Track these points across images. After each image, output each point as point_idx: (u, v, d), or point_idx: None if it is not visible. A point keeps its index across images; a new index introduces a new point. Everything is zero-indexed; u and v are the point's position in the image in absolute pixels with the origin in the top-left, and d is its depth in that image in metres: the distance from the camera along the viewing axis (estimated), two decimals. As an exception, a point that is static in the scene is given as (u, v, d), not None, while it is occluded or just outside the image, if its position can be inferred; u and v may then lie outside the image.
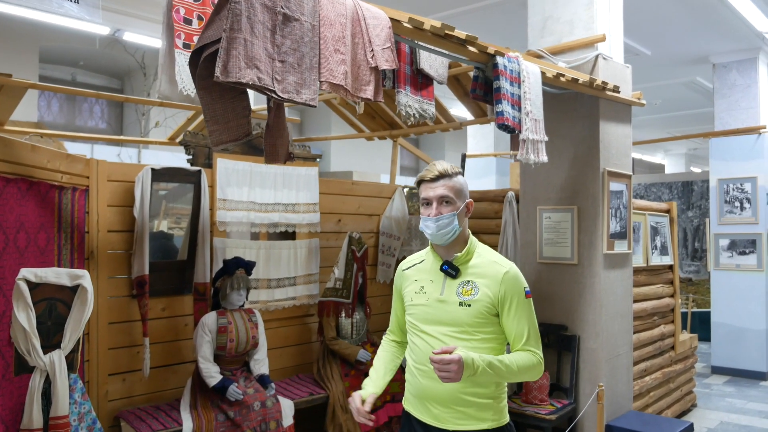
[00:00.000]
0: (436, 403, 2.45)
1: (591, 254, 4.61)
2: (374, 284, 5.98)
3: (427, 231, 2.47)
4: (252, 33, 2.24)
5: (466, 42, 3.29)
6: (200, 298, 4.52)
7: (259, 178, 5.05)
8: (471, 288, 2.43)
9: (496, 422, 2.46)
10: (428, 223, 2.45)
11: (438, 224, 2.43)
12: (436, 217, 2.43)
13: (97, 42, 8.98)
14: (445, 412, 2.44)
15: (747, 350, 8.29)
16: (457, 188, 2.48)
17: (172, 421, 4.03)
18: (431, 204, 2.46)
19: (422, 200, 2.50)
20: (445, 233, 2.44)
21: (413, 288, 2.58)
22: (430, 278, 2.54)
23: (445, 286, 2.48)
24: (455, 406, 2.42)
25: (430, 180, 2.47)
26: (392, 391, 5.09)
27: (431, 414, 2.47)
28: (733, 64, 8.71)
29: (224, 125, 2.38)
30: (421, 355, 2.49)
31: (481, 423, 2.43)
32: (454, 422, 2.43)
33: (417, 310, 2.53)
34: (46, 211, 3.51)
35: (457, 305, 2.42)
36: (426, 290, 2.52)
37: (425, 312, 2.50)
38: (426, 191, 2.48)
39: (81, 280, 2.95)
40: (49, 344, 2.87)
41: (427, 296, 2.51)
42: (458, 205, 2.47)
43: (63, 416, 2.85)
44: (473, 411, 2.42)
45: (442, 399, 2.43)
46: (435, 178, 2.46)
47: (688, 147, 19.36)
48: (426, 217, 2.47)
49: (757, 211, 8.23)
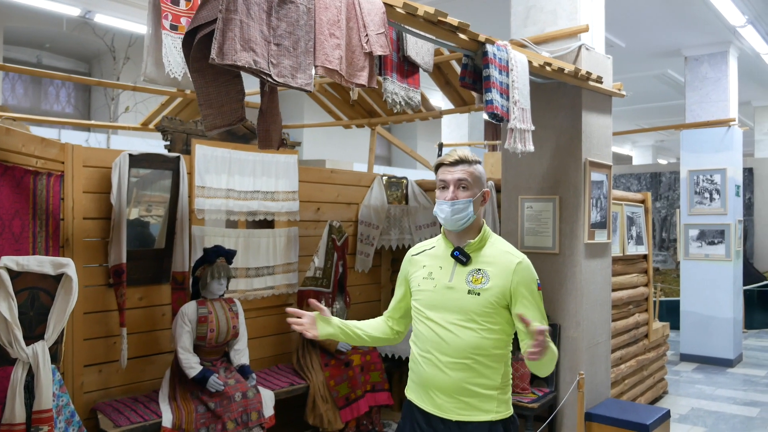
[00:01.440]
0: (440, 392, 2.41)
1: (572, 244, 4.62)
2: (353, 273, 5.94)
3: (440, 215, 2.43)
4: (248, 14, 2.17)
5: (458, 29, 3.25)
6: (178, 287, 4.43)
7: (238, 165, 4.96)
8: (481, 276, 2.39)
9: (500, 414, 2.41)
10: (443, 207, 2.41)
11: (453, 208, 2.39)
12: (452, 201, 2.39)
13: (64, 24, 8.74)
14: (448, 402, 2.39)
15: (715, 338, 8.45)
16: (476, 175, 2.45)
17: (151, 413, 3.95)
18: (448, 187, 2.42)
19: (439, 183, 2.46)
20: (459, 218, 2.39)
21: (421, 273, 2.53)
22: (439, 264, 2.50)
23: (455, 272, 2.43)
24: (459, 396, 2.38)
25: (450, 164, 2.44)
26: (373, 380, 5.07)
27: (434, 403, 2.43)
28: (705, 57, 8.82)
29: (218, 109, 2.31)
30: (426, 342, 2.44)
31: (484, 414, 2.38)
32: (457, 412, 2.39)
33: (423, 296, 2.49)
34: (21, 197, 3.39)
35: (465, 293, 2.38)
36: (434, 276, 2.48)
37: (432, 298, 2.45)
38: (444, 174, 2.44)
39: (65, 269, 2.85)
40: (31, 335, 2.76)
41: (435, 282, 2.46)
42: (475, 191, 2.43)
43: (47, 410, 2.75)
44: (477, 402, 2.38)
45: (446, 388, 2.39)
46: (455, 162, 2.43)
47: (656, 139, 19.66)
48: (441, 201, 2.42)
49: (726, 202, 8.36)
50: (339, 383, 4.88)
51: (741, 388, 7.29)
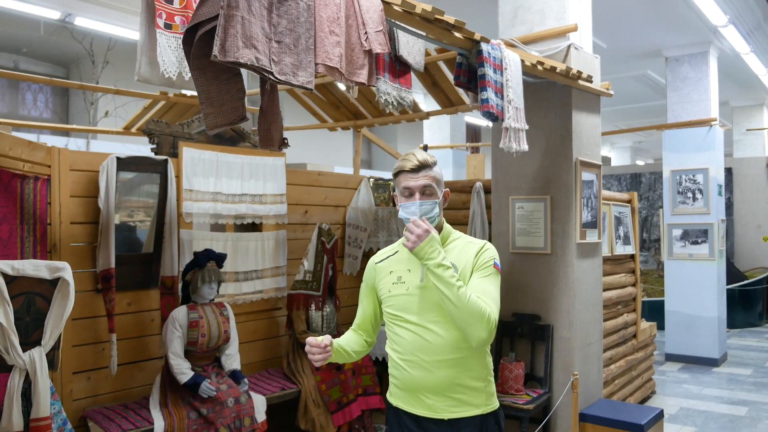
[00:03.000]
0: (430, 393, 2.40)
1: (564, 244, 4.62)
2: (341, 276, 5.89)
3: (409, 217, 2.40)
4: (249, 11, 2.12)
5: (454, 27, 3.23)
6: (167, 292, 4.36)
7: (225, 167, 4.89)
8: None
9: (489, 407, 2.45)
10: (412, 209, 2.39)
11: (422, 209, 2.38)
12: (420, 201, 2.38)
13: (41, 28, 8.60)
14: (439, 401, 2.40)
15: (699, 338, 8.51)
16: (438, 178, 2.46)
17: (142, 420, 3.88)
18: (413, 194, 2.41)
19: (403, 190, 2.43)
20: (428, 219, 2.39)
21: (390, 279, 2.53)
22: (407, 267, 2.49)
23: (425, 272, 2.41)
24: (449, 394, 2.39)
25: (411, 170, 2.41)
26: (364, 384, 5.03)
27: (424, 405, 2.42)
28: (685, 57, 8.90)
29: (219, 108, 2.25)
30: (407, 347, 2.43)
31: (474, 409, 2.41)
32: (449, 410, 2.39)
33: (397, 301, 2.48)
34: (9, 201, 3.30)
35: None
36: (404, 279, 2.48)
37: (407, 301, 2.45)
38: (407, 181, 2.42)
39: (62, 273, 2.77)
40: (27, 341, 2.69)
41: (407, 285, 2.46)
42: (438, 194, 2.45)
43: (44, 417, 2.67)
44: (466, 397, 2.40)
45: (436, 388, 2.39)
46: (416, 168, 2.41)
47: (634, 140, 19.84)
48: (409, 203, 2.40)
49: (709, 202, 8.43)
50: (330, 387, 4.83)
51: (727, 387, 7.34)
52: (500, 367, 4.52)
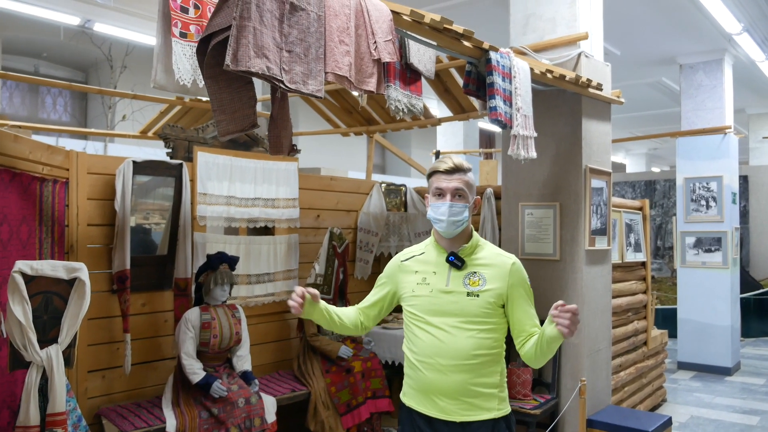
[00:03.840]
0: (443, 395, 2.44)
1: (573, 250, 4.65)
2: (352, 280, 5.95)
3: (438, 217, 2.45)
4: (261, 22, 2.20)
5: (463, 36, 3.29)
6: (181, 293, 4.44)
7: (239, 172, 4.98)
8: (478, 279, 2.44)
9: (501, 411, 2.48)
10: (442, 209, 2.44)
11: (451, 210, 2.42)
12: (450, 203, 2.42)
13: (61, 33, 8.75)
14: (452, 404, 2.43)
15: (712, 346, 8.48)
16: (470, 183, 2.51)
17: (155, 418, 3.95)
18: (444, 195, 2.45)
19: (435, 190, 2.49)
20: (457, 221, 2.44)
21: (414, 279, 2.56)
22: (433, 270, 2.53)
23: (450, 277, 2.47)
24: (462, 398, 2.42)
25: (446, 172, 2.47)
26: (373, 387, 5.08)
27: (438, 407, 2.45)
28: (700, 65, 8.89)
29: (231, 115, 2.33)
30: (425, 348, 2.47)
31: (487, 413, 2.44)
32: (462, 414, 2.43)
33: (420, 301, 2.51)
34: (28, 203, 3.40)
35: (464, 296, 2.43)
36: (429, 281, 2.51)
37: (430, 303, 2.48)
38: (440, 182, 2.47)
39: (78, 273, 2.87)
40: (45, 339, 2.78)
41: (431, 287, 2.49)
42: (469, 199, 2.49)
43: (60, 413, 2.76)
44: (479, 401, 2.43)
45: (450, 391, 2.42)
46: (451, 170, 2.46)
47: (649, 147, 19.77)
48: (440, 203, 2.45)
49: (723, 210, 8.41)
50: (340, 390, 4.89)
51: (740, 396, 7.32)
52: (508, 372, 4.54)
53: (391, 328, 5.65)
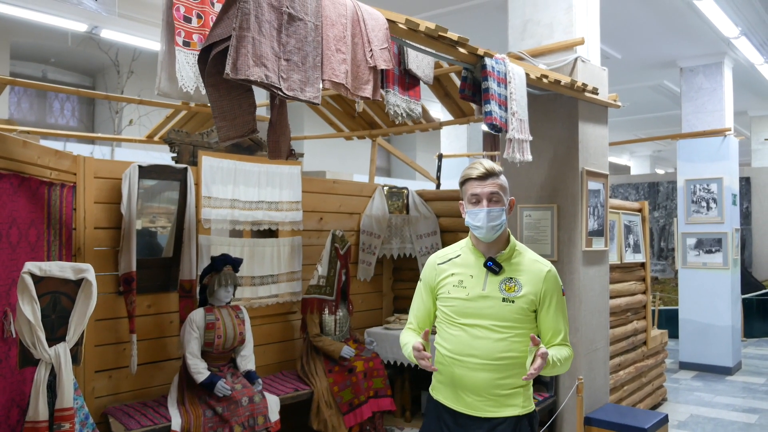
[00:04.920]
0: (470, 392, 2.52)
1: (570, 251, 4.74)
2: (355, 282, 6.04)
3: (476, 224, 2.51)
4: (260, 32, 2.30)
5: (458, 43, 3.38)
6: (186, 295, 4.54)
7: (243, 175, 5.07)
8: (514, 285, 2.51)
9: (526, 408, 2.55)
10: (480, 215, 2.49)
11: (489, 215, 2.48)
12: (488, 208, 2.48)
13: (69, 39, 8.89)
14: (478, 401, 2.52)
15: (713, 346, 8.54)
16: (504, 186, 2.57)
17: (161, 417, 4.05)
18: (481, 202, 2.51)
19: (470, 197, 2.54)
20: (495, 226, 2.50)
21: (451, 281, 2.62)
22: (470, 273, 2.59)
23: (488, 281, 2.54)
24: (489, 395, 2.50)
25: (479, 178, 2.52)
26: (375, 386, 5.17)
27: (464, 402, 2.54)
28: (700, 68, 8.96)
29: (231, 121, 2.43)
30: (458, 346, 2.54)
31: (512, 410, 2.52)
32: (487, 410, 2.51)
33: (456, 303, 2.58)
34: (37, 207, 3.51)
35: (500, 301, 2.50)
36: (466, 284, 2.57)
37: (465, 306, 2.55)
38: (474, 188, 2.53)
39: (85, 274, 2.97)
40: (53, 337, 2.89)
41: (468, 291, 2.56)
42: (505, 202, 2.55)
43: (68, 408, 2.87)
44: (505, 399, 2.51)
45: (477, 388, 2.51)
46: (484, 176, 2.52)
47: (653, 149, 19.80)
48: (477, 210, 2.50)
49: (723, 211, 8.48)
50: (342, 389, 4.98)
51: (740, 395, 7.38)
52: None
53: (393, 329, 5.73)
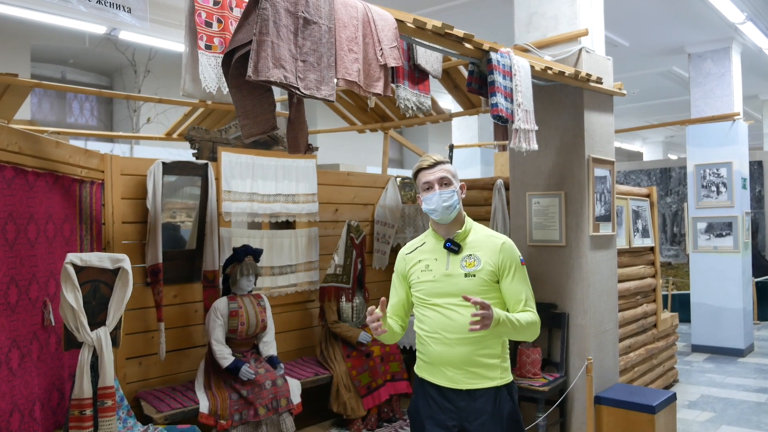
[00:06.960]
0: (450, 366, 2.72)
1: (578, 236, 4.89)
2: (370, 270, 6.24)
3: (431, 207, 2.72)
4: (278, 36, 2.48)
5: (464, 39, 3.55)
6: (209, 285, 4.76)
7: (261, 170, 5.28)
8: (473, 260, 2.72)
9: (503, 380, 2.76)
10: (434, 198, 2.71)
11: (441, 197, 2.70)
12: (440, 191, 2.70)
13: (86, 40, 9.12)
14: (458, 374, 2.71)
15: (725, 329, 8.65)
16: (453, 172, 2.80)
17: (189, 400, 4.28)
18: (432, 187, 2.73)
19: (423, 185, 2.76)
20: (448, 206, 2.70)
21: (419, 267, 2.84)
22: (434, 257, 2.80)
23: (450, 261, 2.75)
24: (467, 367, 2.70)
25: (429, 167, 2.76)
26: (392, 370, 5.37)
27: (446, 377, 2.74)
28: (708, 53, 9.03)
29: (253, 119, 2.63)
30: (433, 325, 2.75)
31: (490, 381, 2.72)
32: (467, 382, 2.71)
33: (425, 286, 2.79)
34: (70, 203, 3.72)
35: (462, 277, 2.71)
36: (432, 267, 2.79)
37: (434, 287, 2.76)
38: (426, 177, 2.76)
39: (122, 263, 3.20)
40: (94, 322, 3.13)
41: (434, 273, 2.77)
42: (455, 185, 2.77)
43: (109, 386, 3.11)
44: (483, 371, 2.71)
45: (456, 362, 2.70)
46: (433, 164, 2.76)
47: (665, 135, 19.81)
48: (430, 195, 2.72)
49: (733, 195, 8.57)
50: (361, 373, 5.18)
51: (751, 376, 7.50)
52: (518, 352, 4.81)
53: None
